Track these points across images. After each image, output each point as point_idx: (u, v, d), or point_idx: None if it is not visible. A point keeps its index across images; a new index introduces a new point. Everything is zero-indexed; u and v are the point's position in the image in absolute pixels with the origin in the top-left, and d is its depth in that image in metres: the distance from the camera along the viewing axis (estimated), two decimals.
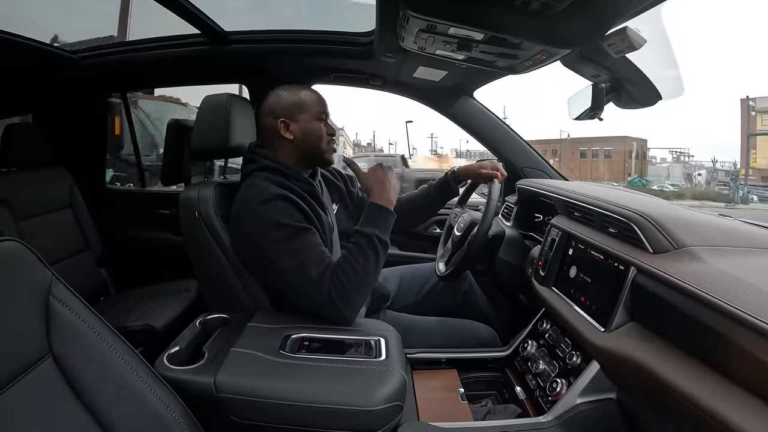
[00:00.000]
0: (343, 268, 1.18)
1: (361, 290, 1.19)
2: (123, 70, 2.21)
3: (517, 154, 2.17)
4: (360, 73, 2.11)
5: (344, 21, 1.88)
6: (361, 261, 1.19)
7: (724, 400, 0.76)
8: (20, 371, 0.70)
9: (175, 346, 1.10)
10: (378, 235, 1.23)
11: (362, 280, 1.19)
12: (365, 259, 1.20)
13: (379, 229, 1.24)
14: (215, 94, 1.40)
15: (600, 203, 1.31)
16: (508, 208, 2.07)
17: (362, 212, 1.47)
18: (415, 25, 1.17)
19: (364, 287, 1.20)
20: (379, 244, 1.23)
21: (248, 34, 1.93)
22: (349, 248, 1.23)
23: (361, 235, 1.23)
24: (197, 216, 1.28)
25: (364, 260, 1.20)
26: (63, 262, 2.11)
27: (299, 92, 1.36)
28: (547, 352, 1.40)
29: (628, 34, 1.07)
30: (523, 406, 1.33)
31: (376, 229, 1.24)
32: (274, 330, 1.14)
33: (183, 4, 1.51)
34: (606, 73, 1.37)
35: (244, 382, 0.97)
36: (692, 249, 1.01)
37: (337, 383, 0.98)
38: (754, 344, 0.73)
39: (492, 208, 1.47)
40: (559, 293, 1.41)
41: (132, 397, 0.81)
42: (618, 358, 1.03)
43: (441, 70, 1.78)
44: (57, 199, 2.19)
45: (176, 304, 2.01)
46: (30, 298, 0.75)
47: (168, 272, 2.39)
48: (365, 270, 1.19)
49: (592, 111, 1.48)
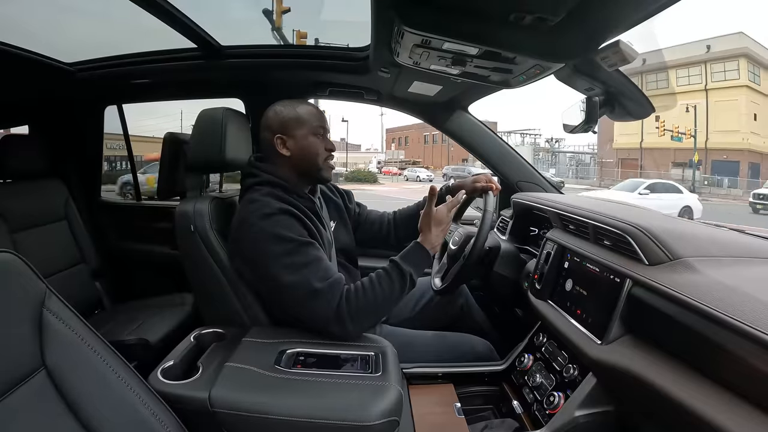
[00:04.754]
0: (365, 288, 1.19)
1: (372, 314, 1.21)
2: (119, 83, 2.21)
3: (512, 167, 2.18)
4: (356, 88, 2.12)
5: (340, 36, 1.89)
6: (387, 290, 1.21)
7: (723, 410, 0.76)
8: (13, 384, 0.69)
9: (169, 361, 1.09)
10: (412, 275, 1.25)
11: (379, 307, 1.20)
12: (391, 290, 1.22)
13: (414, 269, 1.26)
14: (211, 108, 1.40)
15: (594, 216, 1.32)
16: (503, 222, 2.08)
17: (359, 227, 1.46)
18: (410, 41, 1.18)
19: (376, 313, 1.22)
20: (410, 282, 1.25)
21: (244, 49, 1.94)
22: (379, 274, 1.24)
23: (397, 268, 1.25)
24: (193, 230, 1.28)
25: (389, 290, 1.21)
26: (57, 274, 2.09)
27: (296, 107, 1.36)
28: (544, 366, 1.40)
29: (621, 47, 1.08)
30: (520, 420, 1.32)
31: (413, 268, 1.26)
32: (270, 345, 1.14)
33: (179, 18, 1.52)
34: (599, 86, 1.39)
35: (239, 397, 0.96)
36: (688, 260, 1.02)
37: (333, 398, 0.97)
38: (751, 354, 0.73)
39: (487, 222, 1.47)
40: (555, 306, 1.41)
41: (125, 411, 0.80)
42: (615, 370, 1.03)
43: (436, 84, 1.79)
44: (52, 211, 2.18)
45: (171, 318, 2.00)
46: (24, 310, 0.74)
47: (163, 286, 2.37)
48: (385, 299, 1.21)
49: (586, 124, 1.50)
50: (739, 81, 27.80)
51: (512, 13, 1.04)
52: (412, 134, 52.27)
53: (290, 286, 1.16)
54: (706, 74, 28.73)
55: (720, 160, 28.75)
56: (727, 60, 27.96)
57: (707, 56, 28.55)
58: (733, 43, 27.72)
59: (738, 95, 27.83)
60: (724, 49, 27.80)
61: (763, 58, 28.46)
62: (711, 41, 28.56)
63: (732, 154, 28.30)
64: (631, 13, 1.00)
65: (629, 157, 33.71)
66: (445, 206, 1.38)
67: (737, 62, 27.67)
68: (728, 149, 28.35)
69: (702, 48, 28.64)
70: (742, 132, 27.90)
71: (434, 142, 48.70)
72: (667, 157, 30.61)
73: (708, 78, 28.74)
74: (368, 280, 1.22)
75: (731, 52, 27.54)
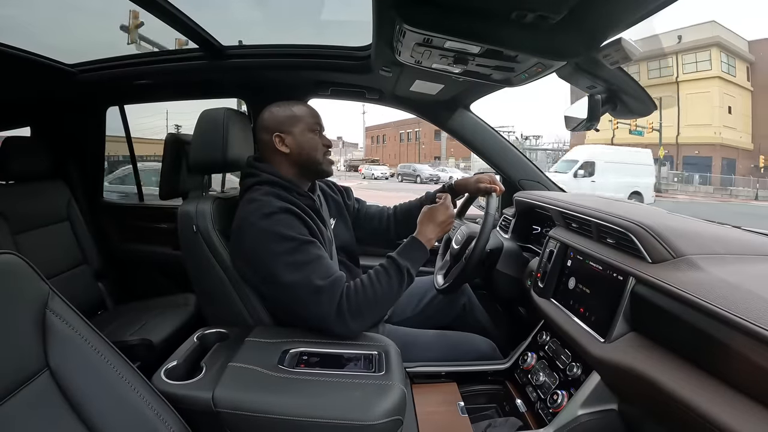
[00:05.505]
0: (364, 285, 1.19)
1: (373, 312, 1.20)
2: (121, 83, 2.21)
3: (514, 166, 2.17)
4: (357, 87, 2.12)
5: (341, 35, 1.89)
6: (385, 286, 1.21)
7: (726, 408, 0.75)
8: (17, 385, 0.70)
9: (172, 361, 1.09)
10: (409, 269, 1.25)
11: (378, 303, 1.20)
12: (389, 285, 1.21)
13: (411, 264, 1.26)
14: (213, 109, 1.40)
15: (597, 214, 1.31)
16: (506, 221, 2.08)
17: (358, 223, 1.45)
18: (411, 39, 1.18)
19: (376, 310, 1.21)
20: (407, 277, 1.25)
21: (246, 49, 1.94)
22: (377, 270, 1.24)
23: (394, 263, 1.25)
24: (195, 230, 1.28)
25: (388, 286, 1.21)
26: (60, 275, 2.10)
27: (291, 106, 1.38)
28: (548, 364, 1.40)
29: (623, 45, 1.08)
30: (524, 419, 1.32)
31: (410, 262, 1.26)
32: (273, 344, 1.14)
33: (181, 18, 1.52)
34: (602, 84, 1.38)
35: (242, 397, 0.96)
36: (691, 258, 1.01)
37: (337, 398, 0.97)
38: (755, 352, 0.73)
39: (490, 221, 1.47)
40: (558, 305, 1.41)
41: (129, 411, 0.80)
42: (618, 368, 1.03)
43: (437, 83, 1.79)
44: (54, 213, 2.19)
45: (174, 319, 2.00)
46: (27, 311, 0.75)
47: (166, 286, 2.38)
48: (384, 295, 1.21)
49: (589, 122, 1.49)
50: (711, 72, 26.84)
51: (514, 12, 1.04)
52: (389, 132, 52.74)
53: (292, 284, 1.16)
54: (677, 66, 27.81)
55: (692, 156, 27.88)
56: (698, 50, 27.03)
57: (678, 47, 27.62)
58: (704, 33, 26.68)
59: (710, 87, 27.02)
60: (695, 39, 26.83)
61: (737, 47, 27.50)
62: (682, 31, 27.41)
63: (704, 149, 27.37)
64: (633, 10, 1.00)
65: None
66: (444, 206, 1.39)
67: (709, 52, 26.71)
68: (700, 144, 27.43)
69: (674, 38, 27.56)
70: (715, 126, 26.97)
71: (409, 140, 49.01)
72: None
73: (679, 70, 27.73)
74: (367, 277, 1.22)
75: (703, 41, 26.70)
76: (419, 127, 45.99)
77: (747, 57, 28.46)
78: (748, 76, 28.74)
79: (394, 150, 50.70)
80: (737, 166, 27.53)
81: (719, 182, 25.68)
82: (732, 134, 27.50)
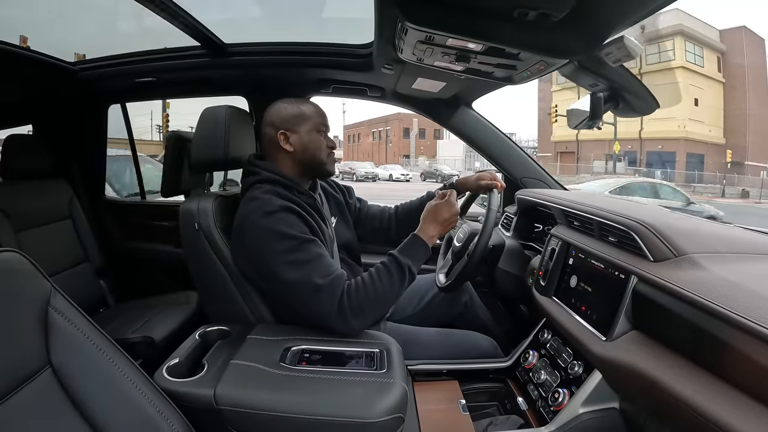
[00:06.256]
0: (365, 283, 1.19)
1: (374, 310, 1.20)
2: (122, 81, 2.21)
3: (516, 164, 2.17)
4: (359, 85, 2.12)
5: (343, 33, 1.89)
6: (386, 283, 1.21)
7: (727, 407, 0.75)
8: (19, 383, 0.70)
9: (174, 358, 1.09)
10: (410, 267, 1.25)
11: (380, 301, 1.20)
12: (390, 283, 1.22)
13: (413, 261, 1.26)
14: (215, 106, 1.40)
15: (599, 212, 1.31)
16: (507, 219, 2.07)
17: (359, 222, 1.45)
18: (413, 37, 1.18)
19: (377, 308, 1.21)
20: (408, 275, 1.25)
21: (248, 47, 1.94)
22: (378, 268, 1.24)
23: (395, 261, 1.25)
24: (197, 228, 1.28)
25: (389, 284, 1.21)
26: (62, 273, 2.10)
27: (300, 105, 1.37)
28: (549, 362, 1.40)
29: (625, 43, 1.07)
30: (525, 417, 1.32)
31: (411, 260, 1.26)
32: (275, 342, 1.14)
33: (183, 16, 1.52)
34: (604, 82, 1.38)
35: (244, 395, 0.96)
36: (693, 256, 1.01)
37: (338, 395, 0.97)
38: (756, 350, 0.73)
39: (491, 219, 1.47)
40: (559, 303, 1.40)
41: (131, 409, 0.80)
42: (620, 366, 1.03)
43: (440, 81, 1.78)
44: (56, 211, 2.19)
45: (176, 316, 2.00)
46: (29, 309, 0.75)
47: (167, 284, 2.38)
48: (386, 293, 1.21)
49: (591, 120, 1.49)
50: (674, 62, 25.87)
51: (516, 9, 1.04)
52: (363, 131, 53.11)
53: (292, 283, 1.16)
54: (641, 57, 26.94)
55: (655, 151, 27.13)
56: (661, 40, 26.18)
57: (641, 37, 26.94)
58: (667, 21, 25.51)
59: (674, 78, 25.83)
60: (657, 28, 24.76)
61: (705, 36, 26.44)
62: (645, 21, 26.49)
63: (668, 144, 26.56)
64: (635, 8, 1.00)
65: (567, 150, 32.22)
66: (448, 203, 1.39)
67: (672, 41, 25.65)
68: (664, 138, 26.54)
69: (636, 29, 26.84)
70: (678, 119, 25.97)
71: (380, 138, 49.16)
72: (602, 149, 28.31)
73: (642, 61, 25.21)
74: (368, 275, 1.22)
75: (665, 30, 25.56)
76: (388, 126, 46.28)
77: (717, 47, 27.55)
78: (719, 67, 27.85)
79: (367, 148, 51.09)
80: (706, 161, 26.68)
81: (683, 179, 24.64)
82: (699, 128, 26.66)
